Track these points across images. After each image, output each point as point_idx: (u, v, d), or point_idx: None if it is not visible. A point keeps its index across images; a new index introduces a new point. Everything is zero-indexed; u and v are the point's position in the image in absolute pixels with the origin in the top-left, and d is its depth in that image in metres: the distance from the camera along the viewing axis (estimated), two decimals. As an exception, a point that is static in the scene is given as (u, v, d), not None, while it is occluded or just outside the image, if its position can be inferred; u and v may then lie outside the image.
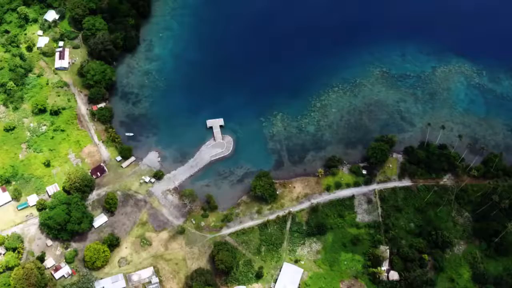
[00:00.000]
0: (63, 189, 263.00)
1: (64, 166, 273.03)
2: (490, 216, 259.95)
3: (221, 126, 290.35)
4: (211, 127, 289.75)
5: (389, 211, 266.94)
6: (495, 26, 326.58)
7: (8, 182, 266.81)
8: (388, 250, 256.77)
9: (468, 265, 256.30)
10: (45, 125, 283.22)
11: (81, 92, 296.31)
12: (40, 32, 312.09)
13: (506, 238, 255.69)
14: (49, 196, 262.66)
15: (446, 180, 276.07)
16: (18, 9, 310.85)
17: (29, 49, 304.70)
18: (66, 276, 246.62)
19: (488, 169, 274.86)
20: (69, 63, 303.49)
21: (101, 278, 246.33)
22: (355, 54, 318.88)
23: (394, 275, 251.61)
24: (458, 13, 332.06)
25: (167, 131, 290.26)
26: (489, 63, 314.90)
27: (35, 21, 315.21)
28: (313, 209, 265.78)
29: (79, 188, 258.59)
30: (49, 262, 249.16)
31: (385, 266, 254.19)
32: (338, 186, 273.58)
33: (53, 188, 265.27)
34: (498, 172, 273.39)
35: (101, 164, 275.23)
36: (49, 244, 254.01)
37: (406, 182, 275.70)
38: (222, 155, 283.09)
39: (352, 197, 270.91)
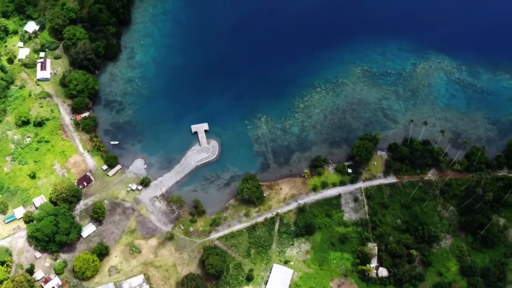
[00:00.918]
0: (50, 200, 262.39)
1: (50, 177, 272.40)
2: (474, 209, 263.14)
3: (206, 131, 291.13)
4: (196, 132, 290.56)
5: (376, 208, 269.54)
6: (472, 22, 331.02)
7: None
8: (376, 247, 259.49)
9: (455, 258, 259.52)
10: (29, 136, 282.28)
11: (64, 102, 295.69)
12: (20, 44, 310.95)
13: (491, 230, 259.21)
14: (36, 208, 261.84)
15: (431, 175, 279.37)
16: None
17: (10, 61, 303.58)
18: (56, 287, 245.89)
19: (471, 162, 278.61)
20: (51, 73, 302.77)
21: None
22: (336, 54, 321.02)
23: (383, 272, 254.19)
24: (435, 10, 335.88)
25: (152, 137, 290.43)
26: (468, 58, 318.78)
27: (15, 32, 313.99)
28: (301, 210, 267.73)
29: (66, 198, 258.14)
30: (38, 274, 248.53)
31: (374, 263, 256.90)
32: (324, 185, 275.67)
33: (39, 200, 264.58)
34: (481, 165, 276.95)
35: (87, 173, 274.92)
36: (37, 256, 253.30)
37: (391, 179, 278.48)
38: (208, 160, 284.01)
39: (338, 196, 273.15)
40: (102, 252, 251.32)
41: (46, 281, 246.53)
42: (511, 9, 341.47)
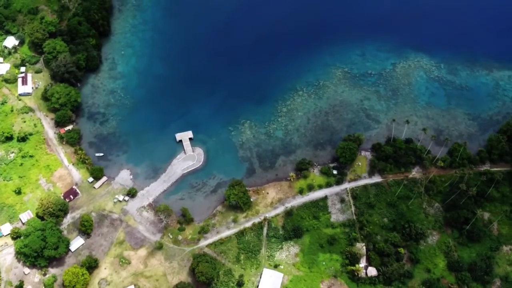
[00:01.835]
0: (37, 215, 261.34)
1: (36, 192, 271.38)
2: (459, 204, 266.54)
3: (190, 139, 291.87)
4: (180, 141, 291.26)
5: (362, 208, 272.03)
6: (448, 20, 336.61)
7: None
8: (364, 247, 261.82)
9: (443, 254, 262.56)
10: (13, 152, 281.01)
11: (47, 116, 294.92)
12: (0, 59, 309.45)
13: (476, 225, 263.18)
14: (23, 224, 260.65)
15: (415, 173, 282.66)
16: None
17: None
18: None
19: (454, 159, 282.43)
20: (32, 88, 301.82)
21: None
22: (316, 56, 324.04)
23: (372, 271, 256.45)
24: (411, 10, 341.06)
25: (137, 148, 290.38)
26: (446, 56, 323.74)
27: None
28: (288, 213, 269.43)
29: (53, 213, 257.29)
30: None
31: (363, 263, 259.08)
32: (310, 188, 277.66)
33: (26, 215, 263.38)
34: (464, 161, 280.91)
35: (73, 187, 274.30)
36: (26, 272, 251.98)
37: (377, 179, 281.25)
38: (194, 168, 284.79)
39: (325, 198, 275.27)
40: (92, 265, 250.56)
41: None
42: (485, 5, 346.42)
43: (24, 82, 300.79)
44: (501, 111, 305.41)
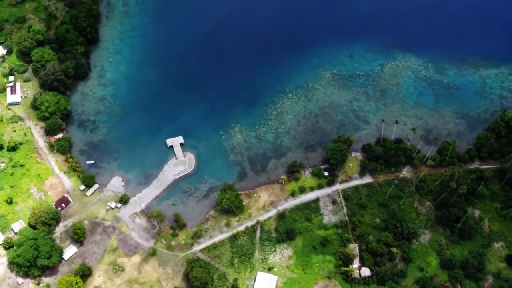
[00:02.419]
0: (29, 224, 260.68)
1: (28, 202, 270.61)
2: (450, 203, 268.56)
3: (181, 144, 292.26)
4: (171, 146, 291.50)
5: (354, 209, 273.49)
6: (434, 20, 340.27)
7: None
8: (357, 248, 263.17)
9: (435, 252, 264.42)
10: (3, 162, 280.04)
11: (37, 125, 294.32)
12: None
13: (468, 222, 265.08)
14: (15, 234, 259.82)
15: (405, 172, 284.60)
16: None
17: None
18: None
19: (443, 157, 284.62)
20: (21, 97, 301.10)
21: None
22: (304, 59, 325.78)
23: (365, 271, 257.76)
24: (398, 10, 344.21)
25: (128, 154, 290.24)
26: (433, 55, 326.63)
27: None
28: (280, 216, 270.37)
29: (45, 222, 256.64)
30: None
31: (356, 264, 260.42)
32: (302, 190, 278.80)
33: (18, 225, 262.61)
34: (453, 159, 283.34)
35: (65, 195, 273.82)
36: (20, 282, 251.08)
37: (368, 179, 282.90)
38: (185, 173, 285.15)
39: (317, 200, 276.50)
40: (85, 273, 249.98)
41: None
42: (469, 5, 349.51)
43: (13, 91, 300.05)
44: (488, 109, 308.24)
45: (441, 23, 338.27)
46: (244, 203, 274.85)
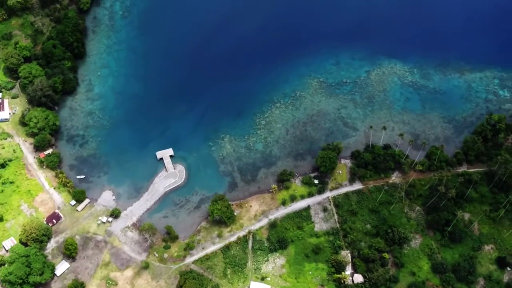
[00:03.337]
0: (20, 241, 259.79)
1: (18, 218, 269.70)
2: (439, 207, 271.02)
3: (171, 156, 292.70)
4: (161, 158, 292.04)
5: (345, 216, 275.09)
6: (417, 26, 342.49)
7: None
8: (349, 254, 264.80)
9: (426, 257, 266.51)
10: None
11: (25, 141, 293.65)
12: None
13: (458, 226, 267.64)
14: (7, 251, 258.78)
15: (395, 178, 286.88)
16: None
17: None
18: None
19: (432, 162, 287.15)
20: (9, 113, 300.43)
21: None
22: (291, 68, 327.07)
23: (358, 278, 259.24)
24: (382, 17, 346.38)
25: (118, 168, 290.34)
26: (418, 61, 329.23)
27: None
28: (272, 225, 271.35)
29: (36, 238, 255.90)
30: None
31: (348, 270, 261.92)
32: (293, 199, 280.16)
33: (9, 242, 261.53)
34: (441, 163, 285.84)
35: (56, 211, 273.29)
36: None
37: (357, 186, 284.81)
38: (176, 185, 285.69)
39: (308, 208, 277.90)
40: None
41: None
42: (451, 11, 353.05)
43: (1, 108, 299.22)
44: (474, 113, 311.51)
45: (424, 28, 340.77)
46: (235, 213, 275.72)
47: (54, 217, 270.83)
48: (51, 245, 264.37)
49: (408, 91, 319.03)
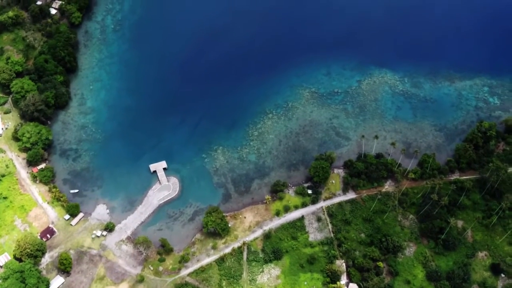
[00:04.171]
0: (14, 257, 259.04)
1: (12, 234, 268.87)
2: (433, 214, 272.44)
3: (164, 169, 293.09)
4: (155, 171, 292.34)
5: (339, 225, 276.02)
6: (407, 35, 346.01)
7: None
8: (344, 264, 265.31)
9: (421, 265, 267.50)
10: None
11: (18, 156, 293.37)
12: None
13: (451, 233, 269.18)
14: (1, 267, 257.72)
15: (388, 187, 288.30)
16: None
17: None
18: None
19: (424, 170, 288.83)
20: (2, 129, 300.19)
21: None
22: (283, 78, 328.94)
23: (353, 287, 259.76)
24: (372, 27, 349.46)
25: (112, 181, 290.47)
26: (408, 70, 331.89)
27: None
28: (267, 236, 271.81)
29: (31, 253, 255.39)
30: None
31: (343, 280, 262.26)
32: (287, 209, 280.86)
33: (3, 258, 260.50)
34: (434, 171, 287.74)
35: (50, 225, 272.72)
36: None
37: (351, 195, 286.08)
38: (170, 197, 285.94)
39: (302, 218, 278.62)
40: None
41: None
42: (441, 19, 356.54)
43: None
44: (465, 120, 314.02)
45: (414, 37, 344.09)
46: (229, 225, 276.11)
47: (48, 232, 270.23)
48: (46, 260, 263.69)
49: (399, 100, 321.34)
